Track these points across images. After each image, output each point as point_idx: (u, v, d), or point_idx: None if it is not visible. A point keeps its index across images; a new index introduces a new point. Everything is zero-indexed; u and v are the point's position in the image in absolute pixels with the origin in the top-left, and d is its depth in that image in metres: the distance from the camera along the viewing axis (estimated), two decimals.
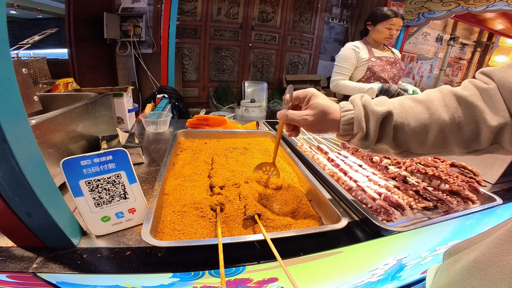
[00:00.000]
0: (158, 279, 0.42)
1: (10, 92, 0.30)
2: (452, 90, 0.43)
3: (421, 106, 0.43)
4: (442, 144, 0.42)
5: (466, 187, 0.70)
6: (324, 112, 0.45)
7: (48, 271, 0.38)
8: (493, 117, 0.38)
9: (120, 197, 0.47)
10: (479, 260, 0.32)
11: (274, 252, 0.41)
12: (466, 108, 0.40)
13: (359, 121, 0.43)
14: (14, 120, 0.31)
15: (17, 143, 0.31)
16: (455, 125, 0.40)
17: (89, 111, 0.74)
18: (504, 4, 1.98)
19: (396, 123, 0.42)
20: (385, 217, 0.61)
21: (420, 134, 0.42)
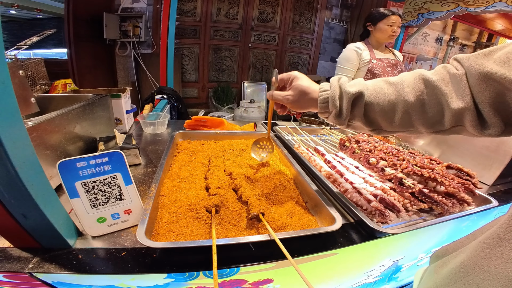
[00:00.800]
0: (153, 280, 0.42)
1: (5, 96, 0.31)
2: (421, 74, 0.46)
3: (391, 87, 0.47)
4: (408, 123, 0.46)
5: (461, 189, 0.71)
6: (304, 92, 0.53)
7: (44, 271, 0.38)
8: (456, 101, 0.40)
9: (116, 198, 0.48)
10: (466, 264, 0.32)
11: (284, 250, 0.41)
12: (432, 91, 0.43)
13: (334, 100, 0.49)
14: (10, 123, 0.32)
15: (13, 146, 0.31)
16: (420, 106, 0.44)
17: (87, 112, 0.74)
18: (503, 5, 1.99)
19: (367, 103, 0.47)
20: (380, 219, 0.62)
21: (388, 113, 0.46)
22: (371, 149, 0.89)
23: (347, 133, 1.19)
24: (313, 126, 1.30)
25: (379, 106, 0.47)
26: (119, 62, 2.97)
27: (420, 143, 1.15)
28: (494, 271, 0.28)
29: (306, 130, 1.17)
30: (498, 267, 0.28)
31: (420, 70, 0.48)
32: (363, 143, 0.94)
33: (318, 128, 1.24)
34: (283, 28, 3.59)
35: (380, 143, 0.94)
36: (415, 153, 0.90)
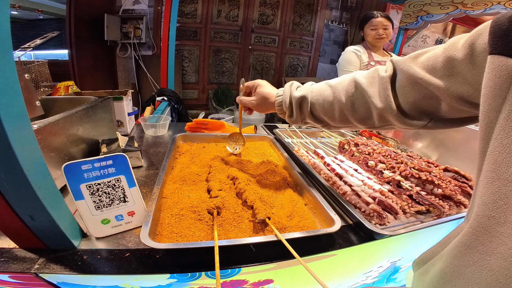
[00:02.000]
0: (156, 280, 0.43)
1: (14, 100, 0.32)
2: (354, 77, 0.52)
3: (330, 89, 0.54)
4: (345, 120, 0.54)
5: (458, 191, 0.72)
6: (265, 97, 0.63)
7: (50, 272, 0.39)
8: (378, 102, 0.47)
9: (119, 200, 0.49)
10: (445, 272, 0.33)
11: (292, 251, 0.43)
12: (360, 92, 0.50)
13: (285, 103, 0.58)
14: (18, 127, 0.33)
15: (21, 149, 0.32)
16: (350, 105, 0.51)
17: (89, 114, 0.75)
18: (501, 8, 2.00)
19: (312, 104, 0.56)
20: (378, 220, 0.63)
21: (328, 112, 0.54)
22: (370, 152, 0.90)
23: (346, 136, 1.20)
24: (312, 128, 1.31)
25: (321, 106, 0.55)
26: (119, 63, 2.98)
27: (419, 146, 1.16)
28: (472, 277, 0.29)
29: (306, 133, 1.18)
30: (474, 273, 0.28)
31: (356, 72, 0.54)
32: (362, 146, 0.95)
33: (317, 131, 1.25)
34: (283, 30, 3.61)
35: (379, 146, 0.96)
36: (413, 156, 0.92)
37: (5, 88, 0.30)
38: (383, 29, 1.53)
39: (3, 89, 0.30)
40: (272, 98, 0.62)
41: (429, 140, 1.12)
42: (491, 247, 0.27)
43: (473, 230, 0.29)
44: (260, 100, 0.63)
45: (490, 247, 0.27)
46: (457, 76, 0.36)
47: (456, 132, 0.99)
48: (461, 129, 0.96)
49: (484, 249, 0.28)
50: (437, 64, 0.38)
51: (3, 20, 0.30)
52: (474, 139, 0.93)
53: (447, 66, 0.37)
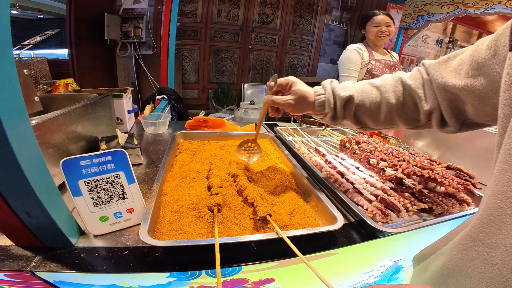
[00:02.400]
0: (155, 279, 0.42)
1: (12, 94, 0.31)
2: (401, 77, 0.51)
3: (376, 90, 0.53)
4: (391, 122, 0.53)
5: (461, 189, 0.71)
6: (303, 96, 0.56)
7: (46, 270, 0.38)
8: (426, 103, 0.47)
9: (118, 197, 0.48)
10: (447, 267, 0.33)
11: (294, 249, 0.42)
12: (409, 93, 0.49)
13: (329, 103, 0.54)
14: (16, 121, 0.32)
15: (19, 144, 0.32)
16: (401, 106, 0.51)
17: (89, 112, 0.74)
18: (502, 7, 2.00)
19: (356, 103, 0.53)
20: (380, 219, 0.62)
21: (374, 113, 0.53)
22: (372, 150, 0.90)
23: (347, 134, 1.19)
24: (313, 127, 1.30)
25: (366, 108, 0.53)
26: (119, 62, 2.97)
27: (420, 145, 1.15)
28: (475, 272, 0.28)
29: (307, 131, 1.18)
30: (478, 267, 0.28)
31: (399, 73, 0.53)
32: (363, 144, 0.94)
33: (318, 129, 1.24)
34: (283, 30, 3.61)
35: (380, 144, 0.95)
36: (415, 154, 0.91)
37: (4, 82, 0.29)
38: (386, 26, 1.52)
39: (2, 83, 0.29)
40: (311, 97, 0.56)
41: (430, 139, 1.12)
42: (496, 240, 0.27)
43: (480, 222, 0.29)
44: (299, 99, 0.56)
45: (496, 240, 0.27)
46: (481, 76, 0.37)
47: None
48: None
49: (489, 242, 0.27)
50: (463, 66, 0.40)
51: (3, 14, 0.29)
52: (476, 138, 0.93)
53: (472, 67, 0.38)
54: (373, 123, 0.54)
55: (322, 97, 0.55)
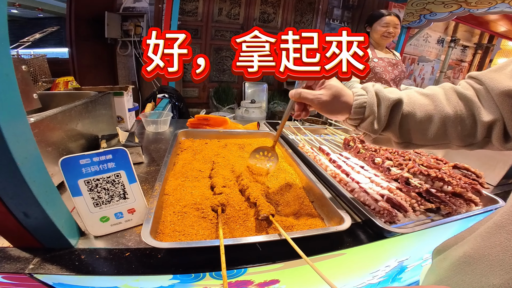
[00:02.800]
0: (158, 281, 0.41)
1: (8, 89, 0.29)
2: (453, 87, 0.46)
3: (427, 98, 0.46)
4: (442, 136, 0.45)
5: (469, 188, 0.70)
6: (338, 93, 0.48)
7: (45, 272, 0.37)
8: (486, 113, 0.41)
9: (119, 197, 0.46)
10: (468, 255, 0.32)
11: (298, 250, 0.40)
12: (466, 103, 0.43)
13: (371, 105, 0.46)
14: (12, 117, 0.31)
15: (15, 141, 0.30)
16: (457, 118, 0.43)
17: (89, 109, 0.73)
18: (506, 6, 1.98)
19: (404, 112, 0.45)
20: (388, 218, 0.61)
21: (424, 124, 0.45)
22: (376, 149, 0.88)
23: (351, 132, 1.18)
24: (316, 125, 1.29)
25: (416, 117, 0.45)
26: (120, 61, 2.96)
27: None
28: (495, 259, 0.28)
29: (309, 130, 1.16)
30: (498, 254, 0.28)
31: (448, 83, 0.48)
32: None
33: (321, 128, 1.22)
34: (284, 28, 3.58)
35: None
36: (421, 153, 0.89)
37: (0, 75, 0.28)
38: (393, 28, 1.53)
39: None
40: (348, 97, 0.48)
41: None
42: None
43: (507, 210, 0.29)
44: (332, 96, 0.47)
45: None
46: None
47: None
48: None
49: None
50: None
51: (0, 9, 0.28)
52: None
53: None
54: (420, 137, 0.46)
55: (364, 98, 0.46)
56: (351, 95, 0.48)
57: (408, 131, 0.46)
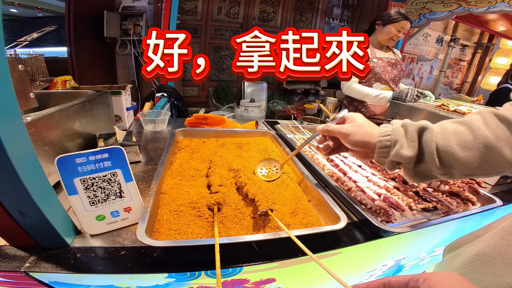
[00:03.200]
0: (153, 280, 0.41)
1: (3, 88, 0.29)
2: (491, 110, 0.43)
3: (461, 125, 0.43)
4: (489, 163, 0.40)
5: (466, 188, 0.70)
6: (363, 125, 0.49)
7: (41, 271, 0.37)
8: None
9: (115, 195, 0.46)
10: (484, 252, 0.32)
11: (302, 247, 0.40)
12: (509, 125, 0.40)
13: (397, 131, 0.45)
14: (7, 116, 0.31)
15: (10, 139, 0.30)
16: (502, 141, 0.39)
17: (87, 108, 0.73)
18: (505, 5, 1.97)
19: (438, 140, 0.43)
20: (384, 218, 0.61)
21: (463, 151, 0.41)
22: None
23: None
24: (314, 124, 1.29)
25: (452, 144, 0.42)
26: (119, 60, 2.96)
27: None
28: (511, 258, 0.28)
29: (307, 129, 1.16)
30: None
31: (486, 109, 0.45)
32: None
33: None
34: (284, 27, 3.58)
35: None
36: None
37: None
38: (403, 33, 1.51)
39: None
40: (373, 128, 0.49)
41: None
42: None
43: None
44: (357, 126, 0.49)
45: None
46: None
47: None
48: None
49: None
50: None
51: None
52: None
53: None
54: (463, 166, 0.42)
55: (389, 127, 0.47)
56: (377, 127, 0.49)
57: (448, 160, 0.42)
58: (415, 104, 1.22)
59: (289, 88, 3.63)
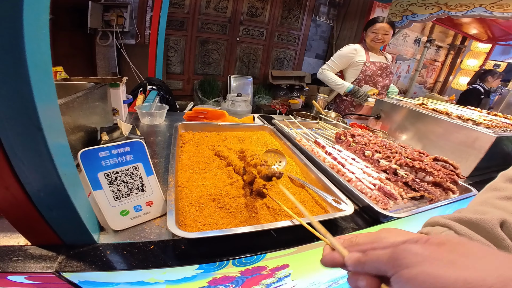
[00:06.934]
0: (183, 272, 0.42)
1: (46, 77, 0.29)
2: None
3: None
4: None
5: (447, 179, 0.78)
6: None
7: (74, 270, 0.36)
8: None
9: (138, 189, 0.47)
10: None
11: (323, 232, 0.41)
12: None
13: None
14: (49, 106, 0.30)
15: (50, 131, 0.29)
16: None
17: (89, 101, 0.70)
18: (482, 10, 2.12)
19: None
20: (382, 205, 0.67)
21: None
22: (366, 143, 0.94)
23: (340, 126, 1.24)
24: (307, 120, 1.34)
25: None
26: (99, 51, 2.79)
27: (403, 138, 1.23)
28: None
29: (302, 124, 1.20)
30: None
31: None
32: (358, 136, 0.98)
33: (312, 122, 1.27)
34: (272, 23, 3.59)
35: (374, 137, 1.00)
36: (405, 146, 0.97)
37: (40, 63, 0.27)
38: (382, 34, 1.63)
39: (38, 64, 0.26)
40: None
41: (413, 133, 1.19)
42: None
43: None
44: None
45: None
46: None
47: (437, 126, 1.07)
48: (441, 123, 1.04)
49: None
50: None
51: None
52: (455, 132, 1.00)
53: None
54: None
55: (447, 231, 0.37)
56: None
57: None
58: (398, 102, 1.31)
59: (274, 83, 3.67)
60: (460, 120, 1.05)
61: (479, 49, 4.17)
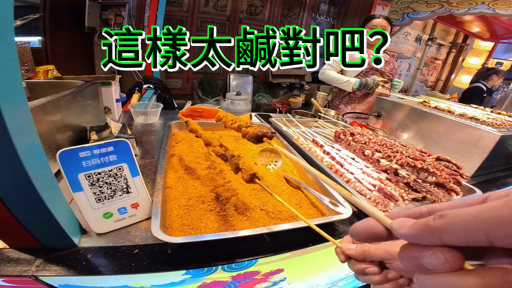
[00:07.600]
0: (170, 277, 0.40)
1: (12, 75, 0.27)
2: None
3: None
4: None
5: (450, 179, 0.75)
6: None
7: (51, 274, 0.34)
8: None
9: (122, 191, 0.44)
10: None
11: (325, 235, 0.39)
12: None
13: None
14: (15, 105, 0.28)
15: (18, 131, 0.27)
16: None
17: (77, 100, 0.68)
18: (485, 7, 2.07)
19: None
20: (382, 208, 0.64)
21: None
22: (366, 142, 0.91)
23: (339, 125, 1.21)
24: (306, 118, 1.31)
25: None
26: (98, 51, 2.78)
27: (405, 137, 1.20)
28: None
29: (300, 122, 1.18)
30: None
31: None
32: (358, 135, 0.96)
33: (311, 121, 1.25)
34: (271, 21, 3.56)
35: (374, 136, 0.97)
36: (407, 146, 0.94)
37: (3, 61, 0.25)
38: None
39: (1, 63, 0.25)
40: None
41: (415, 131, 1.17)
42: None
43: None
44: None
45: None
46: None
47: (439, 124, 1.04)
48: (444, 122, 1.01)
49: None
50: None
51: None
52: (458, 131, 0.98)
53: None
54: None
55: None
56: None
57: None
58: (399, 100, 1.28)
59: (274, 82, 3.64)
60: (463, 118, 1.02)
61: (482, 47, 4.12)
